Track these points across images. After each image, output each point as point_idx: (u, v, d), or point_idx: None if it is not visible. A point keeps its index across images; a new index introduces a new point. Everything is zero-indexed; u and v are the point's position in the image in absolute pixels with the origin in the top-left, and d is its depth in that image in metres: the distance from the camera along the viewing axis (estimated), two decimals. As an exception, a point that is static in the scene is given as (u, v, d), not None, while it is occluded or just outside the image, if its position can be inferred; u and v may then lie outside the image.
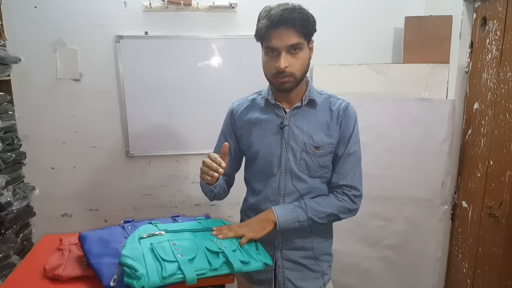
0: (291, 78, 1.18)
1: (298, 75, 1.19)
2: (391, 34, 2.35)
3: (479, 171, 1.95)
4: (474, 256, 1.98)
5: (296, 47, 1.15)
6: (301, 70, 1.19)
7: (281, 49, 1.14)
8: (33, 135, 2.18)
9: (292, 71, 1.17)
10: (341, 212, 1.27)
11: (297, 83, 1.21)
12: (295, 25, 1.12)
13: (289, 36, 1.13)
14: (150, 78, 2.22)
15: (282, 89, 1.21)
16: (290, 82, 1.18)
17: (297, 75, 1.18)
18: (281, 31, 1.13)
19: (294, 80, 1.19)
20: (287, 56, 1.15)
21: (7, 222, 1.85)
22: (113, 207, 2.38)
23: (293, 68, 1.16)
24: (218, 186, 1.30)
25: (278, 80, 1.19)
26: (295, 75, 1.18)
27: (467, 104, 2.08)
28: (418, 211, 2.16)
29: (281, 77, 1.18)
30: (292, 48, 1.15)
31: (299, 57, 1.17)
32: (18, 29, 2.09)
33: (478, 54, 1.96)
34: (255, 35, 1.21)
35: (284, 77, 1.17)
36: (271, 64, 1.18)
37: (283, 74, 1.16)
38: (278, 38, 1.14)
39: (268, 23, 1.13)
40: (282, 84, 1.19)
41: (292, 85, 1.20)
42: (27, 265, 1.22)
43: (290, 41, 1.14)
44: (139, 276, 0.98)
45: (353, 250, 2.23)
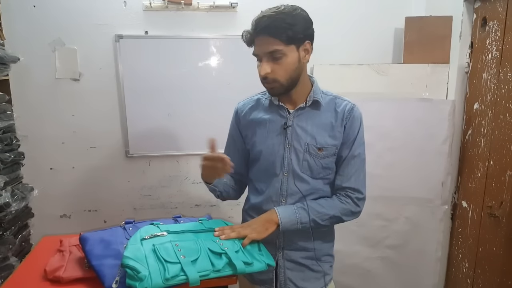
0: (275, 84, 1.18)
1: (283, 80, 1.18)
2: (391, 34, 2.35)
3: (479, 171, 1.95)
4: (474, 256, 1.98)
5: (275, 54, 1.14)
6: (285, 76, 1.18)
7: (261, 56, 1.16)
8: (32, 135, 2.17)
9: (274, 77, 1.17)
10: (344, 214, 1.27)
11: (284, 88, 1.20)
12: (272, 33, 1.12)
13: (267, 44, 1.13)
14: (150, 78, 2.21)
15: (271, 93, 1.24)
16: (275, 87, 1.19)
17: (282, 81, 1.18)
18: (260, 39, 1.15)
19: (280, 85, 1.19)
20: (269, 63, 1.16)
21: (6, 223, 1.84)
22: (112, 207, 2.37)
23: (276, 74, 1.16)
24: (221, 184, 1.31)
25: (265, 86, 1.22)
26: (278, 81, 1.18)
27: (467, 104, 2.09)
28: (419, 211, 2.16)
29: (266, 83, 1.20)
30: (272, 55, 1.15)
31: (282, 63, 1.16)
32: (17, 28, 2.07)
33: (478, 54, 1.97)
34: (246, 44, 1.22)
35: (268, 83, 1.19)
36: (259, 70, 1.19)
37: (266, 80, 1.18)
38: (258, 45, 1.16)
39: (251, 31, 1.16)
40: (269, 89, 1.22)
41: (279, 90, 1.20)
42: (27, 267, 1.21)
43: (268, 49, 1.14)
44: (142, 278, 0.97)
45: (355, 250, 2.23)
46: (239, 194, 1.45)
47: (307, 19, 1.18)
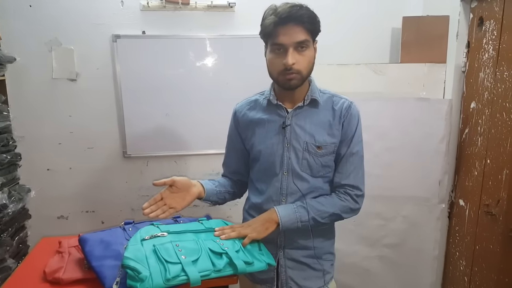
0: (297, 75, 1.17)
1: (305, 72, 1.18)
2: (388, 34, 2.36)
3: (476, 170, 1.96)
4: (472, 254, 1.99)
5: (303, 44, 1.15)
6: (307, 68, 1.19)
7: (288, 45, 1.14)
8: (28, 136, 2.16)
9: (299, 68, 1.16)
10: (343, 211, 1.27)
11: (303, 80, 1.20)
12: (303, 21, 1.13)
13: (297, 33, 1.13)
14: (147, 78, 2.20)
15: (288, 86, 1.20)
16: (296, 79, 1.18)
17: (304, 73, 1.18)
18: (289, 28, 1.13)
19: (301, 77, 1.18)
20: (294, 53, 1.15)
21: (3, 224, 1.83)
22: (110, 208, 2.36)
23: (300, 65, 1.16)
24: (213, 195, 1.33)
25: (285, 77, 1.18)
26: (301, 72, 1.17)
27: (464, 104, 2.10)
28: (417, 210, 2.17)
29: (288, 74, 1.17)
30: (300, 45, 1.14)
31: (306, 54, 1.16)
32: (13, 28, 2.06)
33: (475, 54, 1.98)
34: (260, 33, 1.21)
35: (291, 74, 1.16)
36: (278, 61, 1.17)
37: (290, 71, 1.16)
38: (286, 34, 1.13)
39: (276, 19, 1.13)
40: (289, 81, 1.18)
41: (298, 82, 1.19)
42: (26, 268, 1.20)
43: (298, 38, 1.13)
44: (143, 278, 0.96)
45: (353, 249, 2.24)
46: (239, 194, 1.46)
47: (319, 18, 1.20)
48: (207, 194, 1.30)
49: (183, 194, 1.23)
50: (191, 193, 1.25)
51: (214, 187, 1.35)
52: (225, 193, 1.39)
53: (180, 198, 1.22)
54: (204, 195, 1.29)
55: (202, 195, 1.28)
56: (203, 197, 1.29)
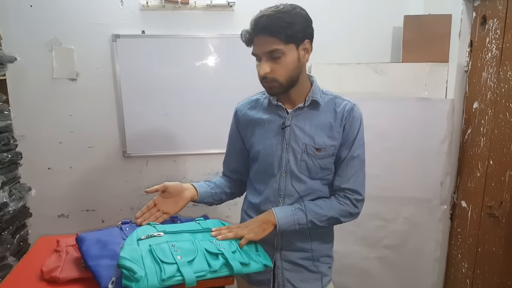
0: (274, 83, 1.17)
1: (282, 80, 1.17)
2: (390, 33, 2.34)
3: (478, 171, 1.94)
4: (474, 256, 1.97)
5: (275, 54, 1.13)
6: (285, 75, 1.16)
7: (261, 55, 1.15)
8: (29, 135, 2.16)
9: (274, 77, 1.16)
10: (342, 216, 1.26)
11: (284, 88, 1.19)
12: (271, 32, 1.10)
13: (266, 43, 1.12)
14: (147, 77, 2.20)
15: (270, 93, 1.23)
16: (274, 87, 1.18)
17: (281, 80, 1.17)
18: (259, 38, 1.13)
19: (279, 85, 1.17)
20: (268, 63, 1.14)
21: (3, 223, 1.83)
22: (110, 207, 2.36)
23: (275, 74, 1.15)
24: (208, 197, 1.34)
25: (264, 85, 1.20)
26: (277, 80, 1.16)
27: (466, 104, 2.08)
28: (417, 211, 2.15)
29: (265, 82, 1.18)
30: (271, 54, 1.13)
31: (281, 62, 1.14)
32: (14, 28, 2.06)
33: (477, 53, 1.96)
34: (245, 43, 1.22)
35: (267, 83, 1.18)
36: (258, 69, 1.18)
37: (265, 80, 1.17)
38: (257, 45, 1.15)
39: (250, 31, 1.14)
40: (269, 89, 1.20)
41: (278, 89, 1.19)
42: (24, 267, 1.20)
43: (267, 48, 1.13)
44: (138, 279, 0.96)
45: (352, 250, 2.23)
46: (239, 193, 1.46)
47: (307, 18, 1.16)
48: (200, 197, 1.30)
49: (175, 199, 1.25)
50: (183, 198, 1.26)
51: (209, 189, 1.34)
52: (221, 194, 1.39)
53: (172, 203, 1.24)
54: (197, 198, 1.29)
55: (195, 198, 1.29)
56: (196, 200, 1.29)
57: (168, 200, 1.24)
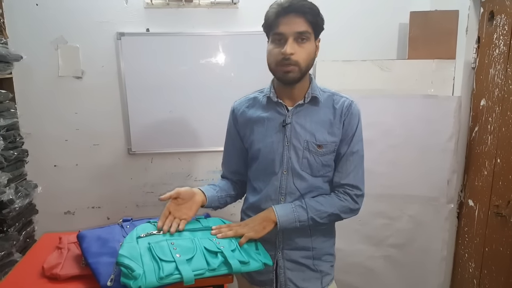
0: (295, 68, 1.15)
1: (303, 65, 1.16)
2: (396, 30, 2.31)
3: (486, 169, 1.91)
4: (481, 256, 1.94)
5: (303, 35, 1.13)
6: (306, 61, 1.16)
7: (288, 35, 1.13)
8: (35, 133, 2.19)
9: (297, 60, 1.14)
10: (342, 212, 1.25)
11: (301, 74, 1.18)
12: (305, 12, 1.12)
13: (298, 23, 1.12)
14: (151, 75, 2.21)
15: (286, 78, 1.18)
16: (294, 71, 1.16)
17: (302, 65, 1.16)
18: (290, 18, 1.13)
19: (299, 70, 1.16)
20: (294, 44, 1.14)
21: (10, 219, 1.85)
22: (115, 204, 2.38)
23: (299, 56, 1.14)
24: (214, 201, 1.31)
25: (282, 69, 1.16)
26: (300, 64, 1.15)
27: (473, 101, 2.04)
28: (423, 209, 2.13)
29: (285, 65, 1.15)
30: (300, 36, 1.13)
31: (306, 47, 1.15)
32: (20, 26, 2.08)
33: (485, 49, 1.92)
34: (263, 25, 1.20)
35: (288, 65, 1.15)
36: (277, 51, 1.15)
37: (288, 61, 1.14)
38: (287, 24, 1.13)
39: (279, 9, 1.13)
40: (286, 73, 1.16)
41: (296, 75, 1.17)
42: (26, 264, 1.22)
43: (299, 28, 1.12)
44: (136, 276, 0.96)
45: (357, 249, 2.21)
46: (241, 194, 1.44)
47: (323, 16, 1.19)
48: (208, 201, 1.28)
49: (189, 204, 1.22)
50: (196, 202, 1.23)
51: (215, 193, 1.32)
52: (226, 197, 1.37)
53: (186, 208, 1.21)
54: (206, 202, 1.27)
55: (204, 202, 1.26)
56: (205, 204, 1.27)
57: (182, 206, 1.21)
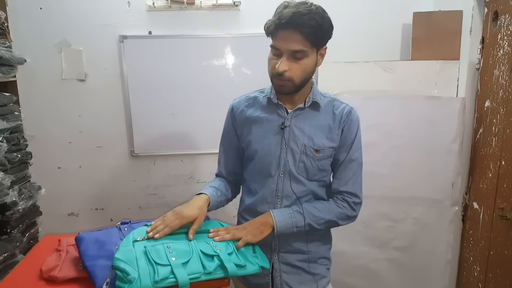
0: (289, 83, 1.14)
1: (298, 81, 1.15)
2: (399, 31, 2.29)
3: (490, 172, 1.88)
4: (486, 260, 1.91)
5: (299, 54, 1.10)
6: (301, 77, 1.14)
7: (283, 51, 1.11)
8: (39, 135, 2.21)
9: (291, 76, 1.13)
10: (340, 219, 1.25)
11: (296, 88, 1.17)
12: (303, 31, 1.07)
13: (294, 41, 1.08)
14: (154, 77, 2.22)
15: (280, 91, 1.19)
16: (287, 86, 1.15)
17: (296, 81, 1.14)
18: (288, 33, 1.08)
19: (292, 85, 1.15)
20: (288, 61, 1.11)
21: (13, 221, 1.87)
22: (118, 206, 2.39)
23: (293, 73, 1.12)
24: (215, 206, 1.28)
25: (277, 82, 1.16)
26: (293, 80, 1.14)
27: (478, 102, 2.01)
28: (427, 212, 2.11)
29: (279, 80, 1.14)
30: (295, 54, 1.11)
31: (302, 63, 1.12)
32: (24, 30, 2.11)
33: (489, 50, 1.89)
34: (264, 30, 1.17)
35: (282, 81, 1.14)
36: (273, 63, 1.14)
37: (281, 77, 1.13)
38: (283, 40, 1.10)
39: (278, 21, 1.09)
40: (280, 87, 1.17)
41: (290, 89, 1.16)
42: (26, 266, 1.22)
43: (293, 47, 1.09)
44: (131, 280, 0.96)
45: (360, 251, 2.20)
46: (234, 195, 1.44)
47: (332, 25, 1.14)
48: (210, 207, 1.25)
49: None
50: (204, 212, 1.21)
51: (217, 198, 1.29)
52: (224, 201, 1.35)
53: None
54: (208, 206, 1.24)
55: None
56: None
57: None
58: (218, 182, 1.38)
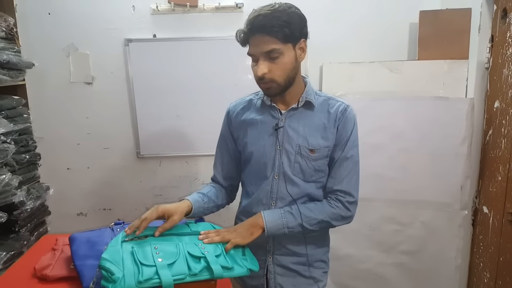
0: (273, 84, 1.14)
1: (280, 80, 1.14)
2: (406, 30, 2.23)
3: (500, 175, 1.81)
4: (496, 266, 1.84)
5: (272, 54, 1.11)
6: (283, 76, 1.14)
7: (258, 56, 1.12)
8: (48, 137, 2.27)
9: (272, 77, 1.13)
10: (333, 219, 1.22)
11: (281, 88, 1.17)
12: (269, 31, 1.08)
13: (264, 43, 1.09)
14: (159, 80, 2.25)
15: (267, 94, 1.20)
16: (272, 87, 1.15)
17: (279, 81, 1.14)
18: (257, 38, 1.10)
19: (277, 86, 1.15)
20: (265, 63, 1.12)
21: (21, 220, 1.93)
22: (125, 207, 2.43)
23: (273, 74, 1.13)
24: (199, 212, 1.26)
25: (262, 86, 1.17)
26: (276, 81, 1.14)
27: (488, 103, 1.94)
28: (436, 215, 2.05)
29: (263, 83, 1.16)
30: (269, 54, 1.11)
31: (279, 62, 1.12)
32: (33, 35, 2.18)
33: (498, 48, 1.82)
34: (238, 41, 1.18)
35: (265, 84, 1.15)
36: (254, 70, 1.15)
37: (263, 80, 1.14)
38: (255, 45, 1.11)
39: (245, 30, 1.11)
40: (266, 90, 1.17)
41: (276, 90, 1.16)
42: (22, 264, 1.26)
43: (265, 48, 1.10)
44: (115, 280, 0.97)
45: (367, 255, 2.16)
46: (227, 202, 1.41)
47: (302, 17, 1.15)
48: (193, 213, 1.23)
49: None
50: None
51: (203, 204, 1.28)
52: (212, 208, 1.33)
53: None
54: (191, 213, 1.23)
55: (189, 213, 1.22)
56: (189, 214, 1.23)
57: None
58: (208, 189, 1.36)
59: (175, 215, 1.15)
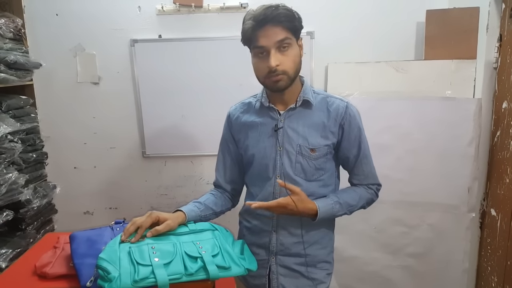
0: (284, 76, 1.15)
1: (291, 72, 1.15)
2: (413, 30, 2.20)
3: (508, 176, 1.77)
4: (503, 270, 1.80)
5: (284, 43, 1.12)
6: (293, 68, 1.16)
7: (269, 47, 1.12)
8: (55, 136, 2.31)
9: (284, 69, 1.14)
10: (368, 204, 1.31)
11: (290, 81, 1.17)
12: (281, 21, 1.10)
13: (276, 33, 1.11)
14: (164, 80, 2.26)
15: (276, 88, 1.18)
16: (283, 80, 1.15)
17: (290, 73, 1.15)
18: (267, 29, 1.11)
19: (288, 78, 1.15)
20: (277, 54, 1.12)
21: (28, 218, 1.96)
22: (131, 206, 2.45)
23: (285, 65, 1.14)
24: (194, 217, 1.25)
25: (271, 80, 1.16)
26: (287, 72, 1.15)
27: (496, 103, 1.90)
28: (443, 218, 2.02)
29: (273, 76, 1.14)
30: (281, 44, 1.12)
31: (289, 54, 1.14)
32: (41, 35, 2.21)
33: (507, 48, 1.78)
34: (241, 40, 1.20)
35: (276, 76, 1.14)
36: (262, 66, 1.15)
37: (275, 73, 1.13)
38: (265, 36, 1.12)
39: (254, 23, 1.12)
40: (276, 83, 1.16)
41: (286, 83, 1.16)
42: (23, 262, 1.27)
43: (278, 37, 1.11)
44: (111, 279, 0.98)
45: (373, 257, 2.14)
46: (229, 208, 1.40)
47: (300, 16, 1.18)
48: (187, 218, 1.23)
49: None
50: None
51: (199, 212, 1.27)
52: (210, 215, 1.32)
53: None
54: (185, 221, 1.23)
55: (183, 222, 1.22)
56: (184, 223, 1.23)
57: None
58: (206, 197, 1.35)
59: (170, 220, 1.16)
